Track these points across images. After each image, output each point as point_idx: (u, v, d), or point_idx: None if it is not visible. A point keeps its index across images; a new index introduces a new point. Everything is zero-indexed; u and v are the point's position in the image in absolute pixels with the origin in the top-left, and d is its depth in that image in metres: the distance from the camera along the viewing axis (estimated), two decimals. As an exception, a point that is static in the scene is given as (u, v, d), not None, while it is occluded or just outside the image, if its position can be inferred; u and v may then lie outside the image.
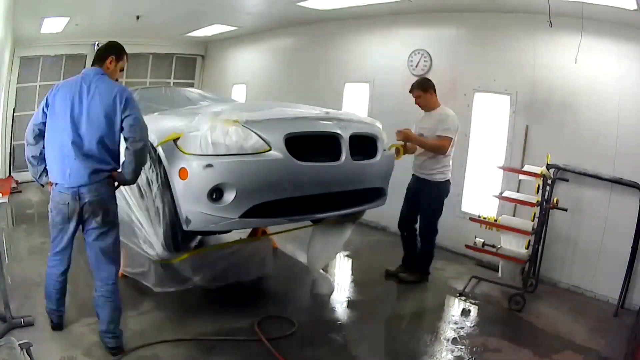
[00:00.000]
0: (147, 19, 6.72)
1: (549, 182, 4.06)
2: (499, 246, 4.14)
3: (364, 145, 3.44)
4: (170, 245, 2.98)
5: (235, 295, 3.78)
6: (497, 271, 4.18)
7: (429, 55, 5.53)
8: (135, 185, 3.20)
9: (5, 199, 4.21)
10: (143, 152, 2.65)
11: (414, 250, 4.38)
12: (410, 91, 4.29)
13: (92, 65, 2.78)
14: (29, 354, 2.34)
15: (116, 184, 2.75)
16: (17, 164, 8.12)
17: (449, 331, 3.49)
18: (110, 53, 2.80)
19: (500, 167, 4.63)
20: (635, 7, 3.57)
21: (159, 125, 3.07)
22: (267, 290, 4.11)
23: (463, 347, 3.24)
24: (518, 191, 4.55)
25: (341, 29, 6.57)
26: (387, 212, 4.42)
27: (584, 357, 3.24)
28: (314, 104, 4.03)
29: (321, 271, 3.98)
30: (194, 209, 2.76)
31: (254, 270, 3.84)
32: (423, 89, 4.21)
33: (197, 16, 6.93)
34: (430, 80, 4.30)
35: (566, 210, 4.05)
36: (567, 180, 4.30)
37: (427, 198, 4.21)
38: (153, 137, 2.98)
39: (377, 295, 4.12)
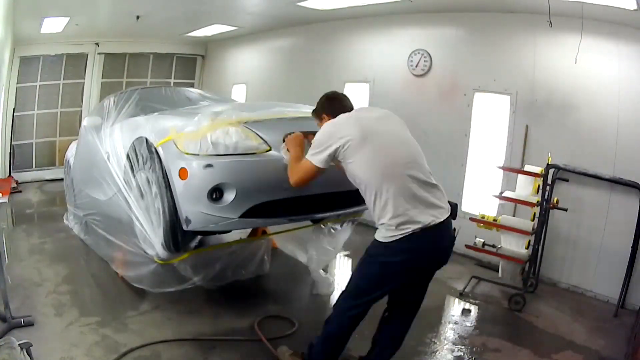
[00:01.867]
0: (147, 19, 6.72)
1: (549, 182, 4.06)
2: (499, 246, 4.15)
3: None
4: (170, 245, 2.98)
5: (235, 295, 3.78)
6: (497, 271, 4.18)
7: (429, 55, 5.53)
8: (135, 185, 3.20)
9: (5, 199, 4.22)
10: None
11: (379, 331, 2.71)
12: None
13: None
14: (29, 354, 2.34)
15: None
16: (17, 164, 8.14)
17: (449, 331, 3.49)
18: None
19: (500, 167, 4.64)
20: (635, 7, 3.57)
21: (159, 125, 3.07)
22: (267, 290, 4.11)
23: (463, 347, 3.24)
24: (518, 191, 4.56)
25: (341, 29, 6.56)
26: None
27: (584, 357, 3.24)
28: (314, 104, 4.01)
29: (321, 271, 3.98)
30: (194, 209, 2.76)
31: (253, 270, 3.84)
32: (316, 115, 2.72)
33: (197, 16, 6.92)
34: (324, 100, 2.71)
35: (566, 210, 4.05)
36: (567, 180, 4.30)
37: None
38: (153, 137, 2.98)
39: (377, 295, 4.12)
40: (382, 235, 2.34)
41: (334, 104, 2.64)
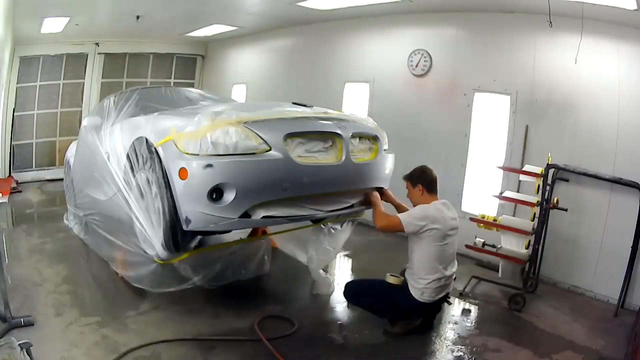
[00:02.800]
0: (147, 19, 6.73)
1: (549, 182, 4.06)
2: (499, 246, 4.15)
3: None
4: (170, 245, 2.97)
5: (235, 295, 3.78)
6: (497, 271, 4.18)
7: (429, 55, 5.53)
8: (135, 185, 3.20)
9: (5, 199, 4.22)
10: None
11: None
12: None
13: None
14: (29, 354, 2.34)
15: None
16: (17, 164, 8.14)
17: (449, 331, 3.49)
18: None
19: (500, 167, 4.64)
20: (635, 7, 3.57)
21: (159, 125, 3.07)
22: (267, 290, 4.11)
23: (463, 347, 3.24)
24: (518, 191, 4.56)
25: (341, 29, 6.57)
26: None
27: (584, 357, 3.24)
28: (314, 104, 4.02)
29: (321, 271, 3.98)
30: (194, 209, 2.76)
31: (253, 270, 3.84)
32: (411, 181, 3.38)
33: (197, 16, 6.93)
34: (421, 173, 3.35)
35: (566, 210, 4.05)
36: (567, 180, 4.30)
37: None
38: (153, 137, 2.98)
39: (377, 295, 4.11)
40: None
41: (431, 181, 3.34)
